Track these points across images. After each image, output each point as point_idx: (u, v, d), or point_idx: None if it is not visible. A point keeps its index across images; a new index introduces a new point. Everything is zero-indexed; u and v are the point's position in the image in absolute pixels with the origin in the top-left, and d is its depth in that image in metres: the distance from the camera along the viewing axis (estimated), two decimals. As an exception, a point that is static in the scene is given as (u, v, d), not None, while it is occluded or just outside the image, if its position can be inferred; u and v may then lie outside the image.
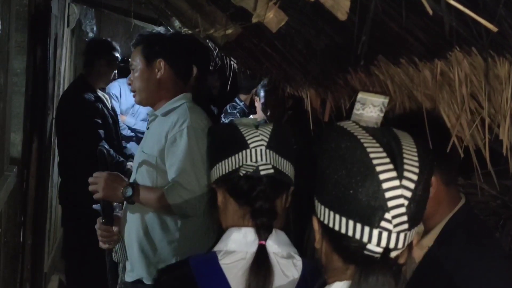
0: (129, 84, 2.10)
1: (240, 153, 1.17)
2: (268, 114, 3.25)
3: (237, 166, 1.16)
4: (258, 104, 3.40)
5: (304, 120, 2.47)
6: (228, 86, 3.73)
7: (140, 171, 2.00)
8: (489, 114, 1.35)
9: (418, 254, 1.42)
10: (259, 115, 3.38)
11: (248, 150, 1.16)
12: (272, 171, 1.16)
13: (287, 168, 1.20)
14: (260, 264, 1.10)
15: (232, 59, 3.40)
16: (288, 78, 2.57)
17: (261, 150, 1.16)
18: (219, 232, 1.21)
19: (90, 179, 1.93)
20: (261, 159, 1.16)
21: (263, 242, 1.13)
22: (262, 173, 1.16)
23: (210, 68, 3.70)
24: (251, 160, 1.16)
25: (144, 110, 4.54)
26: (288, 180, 1.22)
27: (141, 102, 2.10)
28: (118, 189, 1.90)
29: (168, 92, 2.02)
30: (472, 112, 1.43)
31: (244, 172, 1.16)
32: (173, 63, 2.03)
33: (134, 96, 2.10)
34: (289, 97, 3.07)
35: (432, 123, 1.39)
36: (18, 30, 2.61)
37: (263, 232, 1.13)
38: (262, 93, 3.27)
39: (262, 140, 1.17)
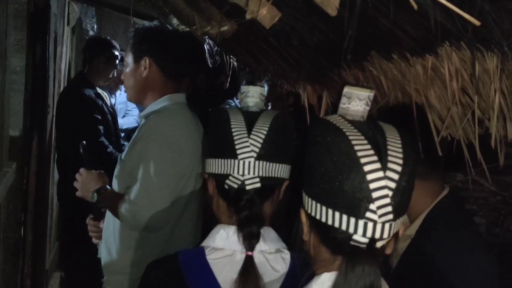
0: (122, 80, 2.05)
1: (228, 161, 1.15)
2: (269, 108, 3.27)
3: (225, 172, 1.15)
4: None
5: (304, 117, 2.48)
6: (228, 83, 3.75)
7: (115, 177, 1.92)
8: (479, 108, 1.36)
9: (401, 245, 1.44)
10: None
11: (236, 161, 1.14)
12: (258, 185, 1.15)
13: (280, 170, 1.18)
14: (248, 275, 1.10)
15: (231, 56, 3.43)
16: (285, 75, 2.59)
17: (249, 162, 1.13)
18: (211, 221, 1.22)
19: (76, 176, 1.92)
20: (248, 173, 1.14)
21: (249, 253, 1.12)
22: (248, 188, 1.14)
23: (210, 65, 3.72)
24: (238, 173, 1.14)
25: (123, 106, 4.57)
26: (280, 181, 1.20)
27: (130, 100, 2.06)
28: (90, 191, 1.88)
29: (154, 91, 1.91)
30: (464, 106, 1.45)
31: (229, 184, 1.16)
32: (161, 61, 1.90)
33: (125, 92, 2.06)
34: (290, 94, 3.08)
35: (410, 117, 1.41)
36: (17, 28, 2.63)
37: (249, 242, 1.13)
38: (265, 87, 3.29)
39: (252, 151, 1.13)
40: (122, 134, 4.40)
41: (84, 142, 2.04)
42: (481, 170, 1.46)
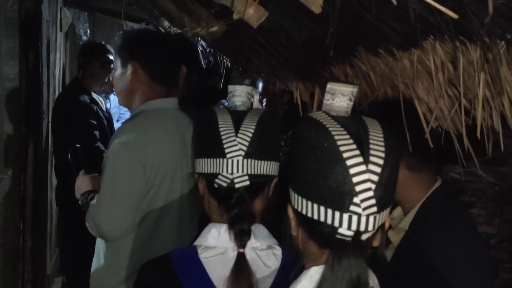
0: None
1: (217, 160, 1.16)
2: (264, 105, 3.28)
3: (214, 171, 1.16)
4: (255, 98, 3.43)
5: (298, 115, 2.50)
6: (221, 84, 3.76)
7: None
8: (466, 99, 1.38)
9: (396, 238, 1.45)
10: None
11: (224, 160, 1.15)
12: (247, 183, 1.16)
13: (268, 168, 1.19)
14: (240, 272, 1.11)
15: (224, 57, 3.44)
16: (277, 73, 2.60)
17: (237, 161, 1.14)
18: (202, 220, 1.23)
19: (76, 178, 1.95)
20: (237, 171, 1.15)
21: (241, 250, 1.14)
22: (237, 186, 1.16)
23: (204, 66, 3.73)
24: (227, 171, 1.15)
25: (117, 110, 4.57)
26: (269, 178, 1.22)
27: (121, 104, 2.02)
28: (80, 194, 1.91)
29: (141, 96, 1.86)
30: (451, 97, 1.46)
31: (219, 183, 1.17)
32: (148, 65, 1.83)
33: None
34: (285, 92, 3.10)
35: (400, 110, 1.42)
36: (9, 36, 2.65)
37: (240, 240, 1.14)
38: (260, 84, 3.31)
39: (239, 150, 1.14)
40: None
41: (77, 145, 2.04)
42: (479, 161, 1.47)
